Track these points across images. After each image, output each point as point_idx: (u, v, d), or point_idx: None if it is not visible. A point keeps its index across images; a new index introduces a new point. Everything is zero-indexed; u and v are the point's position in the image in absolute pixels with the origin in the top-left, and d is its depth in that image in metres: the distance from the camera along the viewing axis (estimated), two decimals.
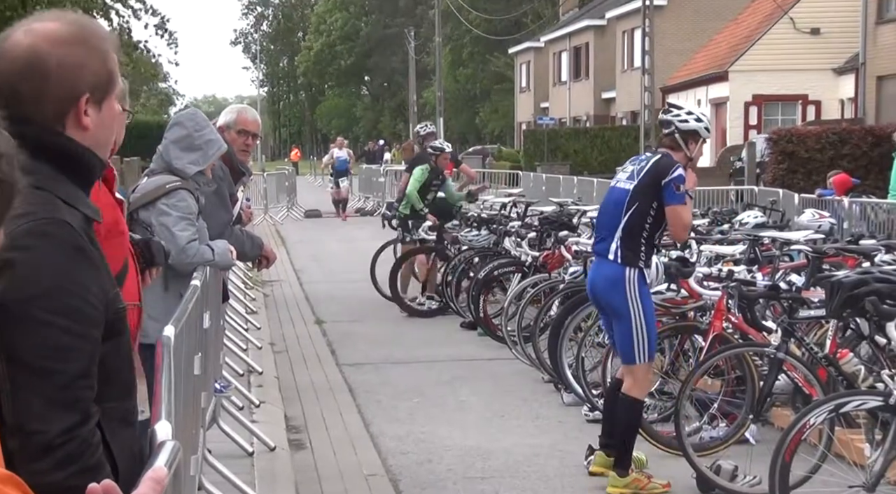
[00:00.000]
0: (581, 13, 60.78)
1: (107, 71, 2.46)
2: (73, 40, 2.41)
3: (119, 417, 2.39)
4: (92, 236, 2.37)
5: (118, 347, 2.39)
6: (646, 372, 7.16)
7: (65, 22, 2.45)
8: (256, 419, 8.45)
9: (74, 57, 2.40)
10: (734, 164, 30.65)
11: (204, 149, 5.58)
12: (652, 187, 7.00)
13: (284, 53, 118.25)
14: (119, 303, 2.39)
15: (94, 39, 2.46)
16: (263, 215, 30.32)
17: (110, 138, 2.53)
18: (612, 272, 7.05)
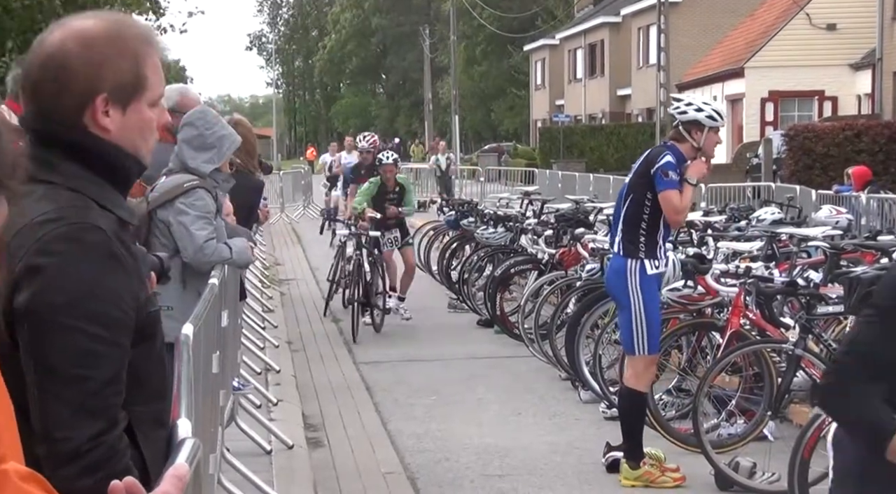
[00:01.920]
0: (596, 10, 60.66)
1: (133, 73, 2.38)
2: (101, 37, 2.36)
3: (151, 419, 2.39)
4: (125, 239, 2.34)
5: (150, 351, 2.38)
6: (647, 364, 7.15)
7: (101, 20, 2.41)
8: (274, 417, 8.46)
9: (97, 54, 2.35)
10: (751, 161, 30.57)
11: (217, 147, 5.58)
12: (644, 177, 7.07)
13: (300, 52, 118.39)
14: (150, 307, 2.37)
15: (127, 38, 2.40)
16: (280, 214, 30.35)
17: (139, 145, 2.44)
18: (617, 264, 7.15)
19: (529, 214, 15.15)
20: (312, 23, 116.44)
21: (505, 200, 17.98)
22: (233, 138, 5.70)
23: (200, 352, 4.22)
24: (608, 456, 7.43)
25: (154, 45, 2.46)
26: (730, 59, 41.30)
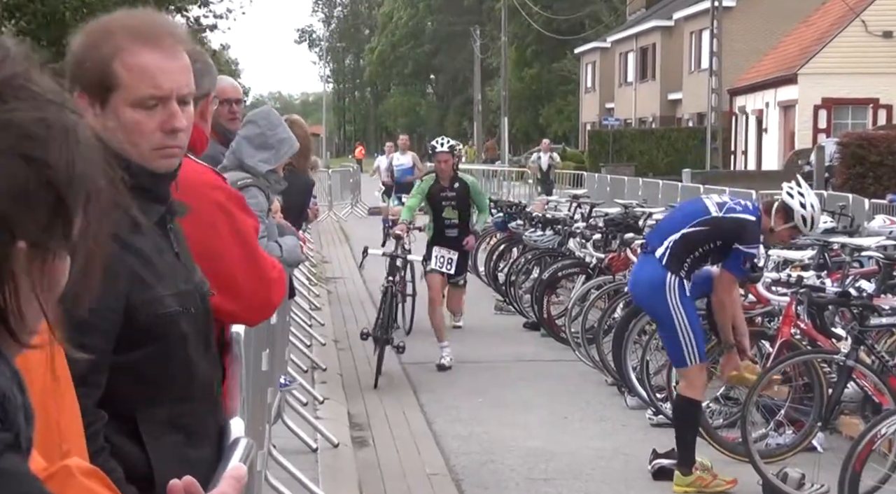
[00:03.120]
0: (648, 14, 60.41)
1: (101, 72, 2.33)
2: (87, 33, 2.37)
3: (165, 421, 2.34)
4: (128, 240, 2.28)
5: (164, 351, 2.33)
6: (699, 372, 7.12)
7: (106, 17, 2.40)
8: (320, 415, 8.49)
9: (78, 53, 2.36)
10: (802, 168, 30.30)
11: (276, 148, 5.60)
12: (726, 234, 6.99)
13: (350, 50, 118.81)
14: (154, 310, 2.31)
15: (111, 34, 2.35)
16: (328, 212, 30.47)
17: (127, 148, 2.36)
18: (655, 274, 7.07)
19: (578, 218, 15.09)
20: (364, 21, 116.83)
21: (553, 203, 17.94)
22: (292, 143, 5.71)
23: (251, 350, 4.24)
24: (654, 464, 7.39)
25: (149, 43, 2.36)
26: (783, 65, 40.96)
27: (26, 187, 1.16)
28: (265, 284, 3.04)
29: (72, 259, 1.26)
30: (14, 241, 1.16)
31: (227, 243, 2.98)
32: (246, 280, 3.01)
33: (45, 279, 1.22)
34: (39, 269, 1.20)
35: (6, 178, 1.15)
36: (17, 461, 1.16)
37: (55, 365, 1.70)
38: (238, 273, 2.99)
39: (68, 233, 1.23)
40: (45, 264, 1.21)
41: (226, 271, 2.95)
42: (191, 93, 2.45)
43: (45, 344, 1.65)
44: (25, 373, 1.57)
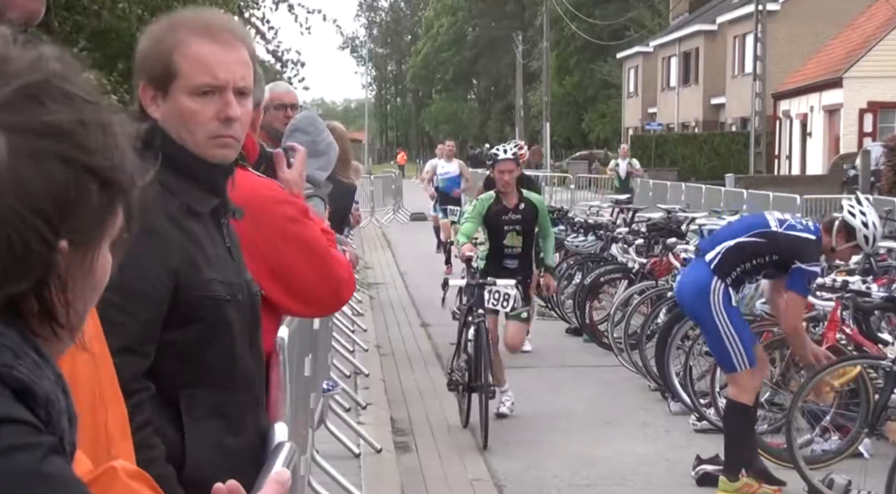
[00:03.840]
0: (691, 18, 60.15)
1: (163, 63, 2.48)
2: (154, 30, 2.54)
3: (208, 406, 2.41)
4: (184, 223, 2.42)
5: (209, 336, 2.41)
6: (749, 377, 7.05)
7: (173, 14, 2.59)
8: (363, 420, 8.51)
9: (143, 46, 2.53)
10: (847, 172, 30.09)
11: (327, 153, 5.59)
12: (784, 251, 6.93)
13: (392, 57, 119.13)
14: (201, 291, 2.41)
15: (170, 30, 2.50)
16: (370, 218, 30.55)
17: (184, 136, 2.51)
18: (701, 277, 7.03)
19: (620, 223, 15.04)
20: (405, 27, 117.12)
21: (595, 208, 17.89)
22: (335, 147, 5.73)
23: (294, 355, 4.25)
24: (698, 470, 7.34)
25: (210, 36, 2.49)
26: (828, 68, 40.65)
27: (66, 188, 1.18)
28: (335, 287, 3.13)
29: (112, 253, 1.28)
30: (57, 241, 1.18)
31: (299, 255, 3.04)
32: (319, 288, 3.10)
33: (90, 277, 1.24)
34: (82, 267, 1.22)
35: (46, 180, 1.17)
36: (62, 464, 1.17)
37: (102, 369, 1.72)
38: (311, 283, 3.07)
39: (110, 230, 1.24)
40: (88, 262, 1.22)
41: (298, 282, 3.05)
42: (248, 87, 2.55)
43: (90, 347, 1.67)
44: (74, 378, 1.58)
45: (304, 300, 3.12)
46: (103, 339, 1.74)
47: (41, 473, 1.13)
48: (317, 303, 3.20)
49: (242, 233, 2.89)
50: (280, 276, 3.00)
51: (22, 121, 1.17)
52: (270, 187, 3.15)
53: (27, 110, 1.17)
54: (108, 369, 1.74)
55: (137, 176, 1.26)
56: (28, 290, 1.18)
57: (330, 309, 3.55)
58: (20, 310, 1.20)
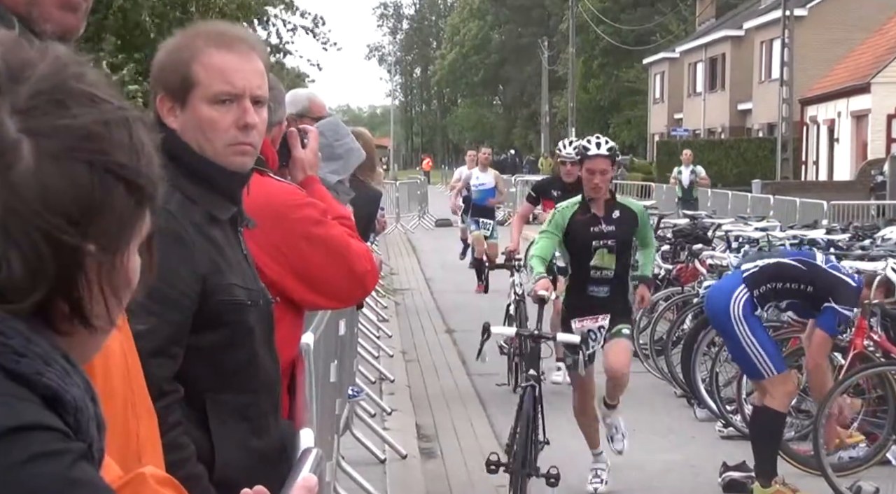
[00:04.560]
0: (718, 24, 59.96)
1: (183, 73, 2.53)
2: (172, 42, 2.59)
3: (233, 409, 2.46)
4: (206, 230, 2.47)
5: (231, 340, 2.46)
6: (780, 383, 6.99)
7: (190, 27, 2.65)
8: (388, 426, 8.52)
9: (160, 59, 2.58)
10: (875, 178, 29.91)
11: (345, 158, 5.63)
12: (821, 286, 6.91)
13: (418, 63, 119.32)
14: (224, 295, 2.46)
15: (192, 39, 2.56)
16: (395, 224, 30.58)
17: (203, 144, 2.55)
18: (729, 283, 7.09)
19: None
20: (430, 33, 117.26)
21: None
22: (359, 153, 5.75)
23: (320, 361, 4.27)
24: (725, 476, 7.31)
25: (225, 45, 2.55)
26: (856, 74, 40.43)
27: (91, 191, 1.18)
28: (360, 280, 3.21)
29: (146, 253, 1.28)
30: (84, 244, 1.18)
31: (323, 256, 3.11)
32: (344, 283, 3.18)
33: (119, 278, 1.24)
34: (112, 270, 1.22)
35: (71, 183, 1.17)
36: (90, 470, 1.18)
37: (134, 381, 1.73)
38: (336, 279, 3.16)
39: (138, 232, 1.25)
40: (117, 264, 1.23)
41: (324, 280, 3.14)
42: (264, 96, 2.61)
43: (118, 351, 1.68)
44: (107, 384, 1.60)
45: (330, 295, 3.21)
46: (135, 353, 1.76)
47: (70, 479, 1.14)
48: (342, 296, 3.32)
49: (266, 237, 2.93)
50: (305, 276, 3.08)
51: (47, 125, 1.17)
52: (292, 191, 3.21)
53: (51, 114, 1.18)
54: (139, 382, 1.75)
55: (161, 179, 1.26)
56: (57, 293, 1.19)
57: (355, 301, 3.85)
58: (49, 317, 1.21)
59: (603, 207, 7.09)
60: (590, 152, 6.99)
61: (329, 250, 3.11)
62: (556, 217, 7.12)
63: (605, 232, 7.07)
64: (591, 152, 6.98)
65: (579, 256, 7.13)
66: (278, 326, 2.82)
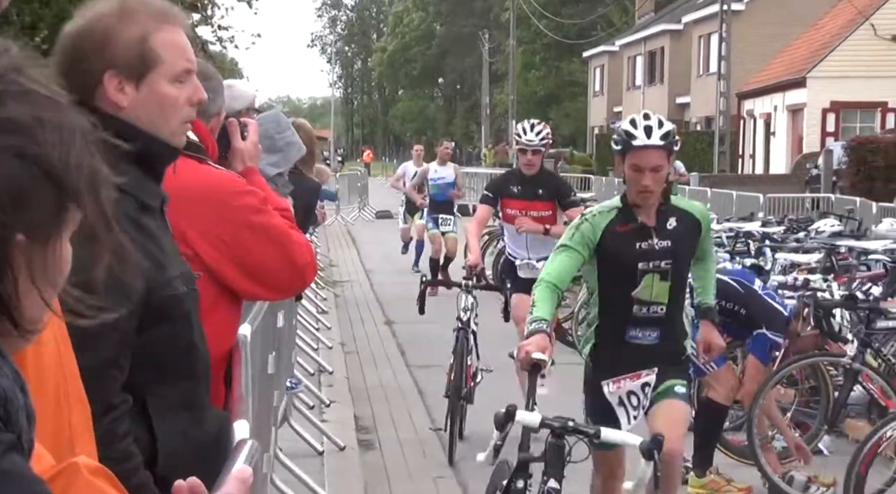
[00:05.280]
0: (657, 17, 60.40)
1: (140, 48, 2.43)
2: (110, 14, 2.44)
3: (175, 400, 2.41)
4: (141, 221, 2.38)
5: (172, 333, 2.41)
6: (722, 377, 7.09)
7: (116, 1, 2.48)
8: (326, 418, 8.51)
9: (103, 32, 2.41)
10: (810, 172, 30.29)
11: (285, 152, 5.62)
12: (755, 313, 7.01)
13: (359, 55, 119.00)
14: (165, 290, 2.39)
15: (136, 15, 2.45)
16: (335, 216, 30.50)
17: (159, 123, 2.48)
18: None
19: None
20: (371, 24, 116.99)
21: None
22: (299, 147, 5.74)
23: (257, 353, 4.25)
24: None
25: (171, 22, 2.50)
26: (792, 68, 40.93)
27: (22, 184, 1.18)
28: (298, 270, 3.18)
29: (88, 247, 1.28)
30: (13, 235, 1.18)
31: (263, 244, 3.08)
32: (284, 273, 3.15)
33: (48, 270, 1.24)
34: (40, 261, 1.22)
35: (2, 176, 1.17)
36: (20, 462, 1.17)
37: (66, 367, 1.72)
38: (276, 269, 3.12)
39: (67, 225, 1.24)
40: (46, 255, 1.22)
41: (264, 269, 3.10)
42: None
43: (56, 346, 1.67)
44: (39, 373, 1.59)
45: (269, 285, 3.17)
46: (68, 340, 1.74)
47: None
48: (281, 287, 3.26)
49: (206, 225, 2.91)
50: (244, 265, 3.05)
51: None
52: (231, 179, 3.18)
53: None
54: (71, 368, 1.74)
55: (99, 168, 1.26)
56: None
57: (294, 292, 3.72)
58: None
59: (654, 214, 5.01)
60: (636, 141, 4.90)
61: (269, 239, 3.09)
62: (584, 227, 5.00)
63: (657, 249, 4.99)
64: (639, 141, 4.90)
65: (617, 285, 5.02)
66: (214, 313, 2.80)
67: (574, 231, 5.02)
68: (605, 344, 5.19)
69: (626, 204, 5.02)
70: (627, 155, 4.93)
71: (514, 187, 8.66)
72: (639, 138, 4.90)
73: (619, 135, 4.96)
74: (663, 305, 5.03)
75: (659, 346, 5.08)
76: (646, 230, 4.98)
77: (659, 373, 5.10)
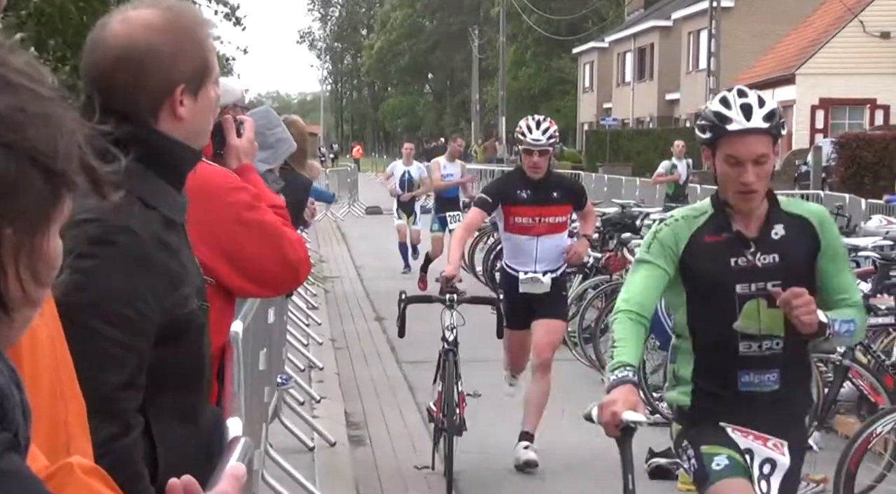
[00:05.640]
0: (646, 14, 60.46)
1: (202, 58, 2.41)
2: (168, 27, 2.38)
3: (175, 414, 2.36)
4: (165, 238, 2.33)
5: (177, 350, 2.36)
6: None
7: (160, 8, 2.41)
8: (317, 414, 8.51)
9: (170, 45, 2.36)
10: (799, 168, 30.37)
11: (275, 148, 5.61)
12: None
13: (348, 51, 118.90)
14: (181, 309, 2.34)
15: (190, 25, 2.42)
16: (325, 211, 30.47)
17: (206, 127, 2.49)
18: None
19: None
20: (361, 20, 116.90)
21: None
22: (290, 144, 5.74)
23: (249, 349, 4.25)
24: (651, 462, 7.40)
25: (206, 25, 2.49)
26: (781, 65, 41.00)
27: (7, 175, 1.17)
28: (291, 267, 3.16)
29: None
30: (1, 227, 1.17)
31: (256, 241, 3.07)
32: (277, 270, 3.13)
33: (38, 261, 1.23)
34: (30, 252, 1.21)
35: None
36: (17, 460, 1.17)
37: (61, 365, 1.71)
38: (269, 266, 3.11)
39: (57, 216, 1.23)
40: (35, 247, 1.22)
41: (257, 266, 3.09)
42: None
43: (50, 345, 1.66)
44: (34, 372, 1.58)
45: (262, 282, 3.16)
46: (63, 339, 1.74)
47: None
48: (274, 284, 3.25)
49: (199, 220, 2.88)
50: (237, 261, 3.04)
51: None
52: (225, 175, 3.16)
53: None
54: (67, 366, 1.74)
55: (85, 160, 1.24)
56: None
57: (287, 289, 3.69)
58: None
59: (756, 221, 3.88)
60: (732, 126, 3.75)
61: (262, 235, 3.08)
62: (663, 234, 3.93)
63: (760, 266, 3.86)
64: (736, 125, 3.75)
65: (711, 313, 3.91)
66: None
67: (651, 239, 3.94)
68: (704, 393, 3.98)
69: (716, 208, 3.89)
70: (718, 144, 3.78)
71: (521, 192, 7.50)
72: (735, 121, 3.74)
73: (706, 119, 3.78)
74: (779, 337, 3.84)
75: (782, 396, 3.90)
76: (743, 241, 3.85)
77: (791, 448, 3.90)
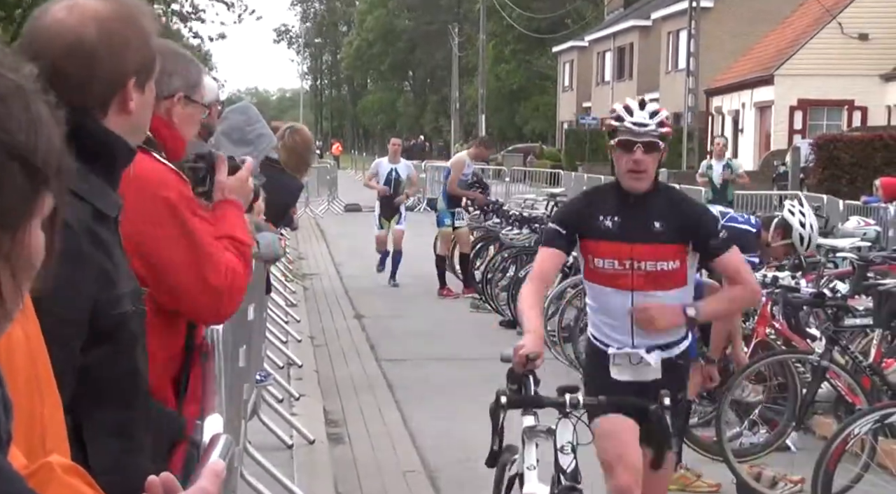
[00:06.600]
0: (626, 13, 60.60)
1: (150, 50, 2.36)
2: (118, 18, 2.31)
3: (112, 426, 2.25)
4: (99, 232, 2.23)
5: (113, 354, 2.25)
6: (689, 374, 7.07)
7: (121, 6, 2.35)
8: (296, 412, 8.48)
9: (121, 37, 2.30)
10: (777, 169, 30.50)
11: (255, 144, 5.61)
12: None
13: (328, 47, 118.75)
14: (117, 308, 2.23)
15: (139, 17, 2.36)
16: (304, 209, 30.41)
17: (147, 122, 2.46)
18: None
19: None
20: (341, 17, 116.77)
21: (530, 201, 17.97)
22: (270, 139, 5.73)
23: (228, 346, 4.23)
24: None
25: (152, 19, 2.44)
26: (759, 66, 41.16)
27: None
28: (212, 292, 2.87)
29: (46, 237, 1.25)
30: None
31: (171, 243, 2.84)
32: (188, 283, 2.86)
33: (20, 256, 1.21)
34: (11, 248, 1.19)
35: None
36: (0, 458, 1.15)
37: (38, 360, 1.70)
38: (182, 278, 2.86)
39: (37, 211, 1.21)
40: (16, 242, 1.19)
41: (172, 278, 2.85)
42: None
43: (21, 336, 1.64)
44: (10, 368, 1.56)
45: (173, 294, 2.85)
46: (40, 335, 1.72)
47: None
48: (188, 302, 2.89)
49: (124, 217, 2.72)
50: (153, 266, 2.80)
51: None
52: (167, 172, 2.92)
53: None
54: (44, 361, 1.72)
55: (64, 154, 1.22)
56: None
57: (206, 319, 3.03)
58: None
59: None
60: None
61: (183, 243, 2.84)
62: None
63: None
64: None
65: None
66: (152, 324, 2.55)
67: None
68: None
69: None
70: None
71: (605, 219, 4.85)
72: None
73: None
74: None
75: None
76: None
77: None
